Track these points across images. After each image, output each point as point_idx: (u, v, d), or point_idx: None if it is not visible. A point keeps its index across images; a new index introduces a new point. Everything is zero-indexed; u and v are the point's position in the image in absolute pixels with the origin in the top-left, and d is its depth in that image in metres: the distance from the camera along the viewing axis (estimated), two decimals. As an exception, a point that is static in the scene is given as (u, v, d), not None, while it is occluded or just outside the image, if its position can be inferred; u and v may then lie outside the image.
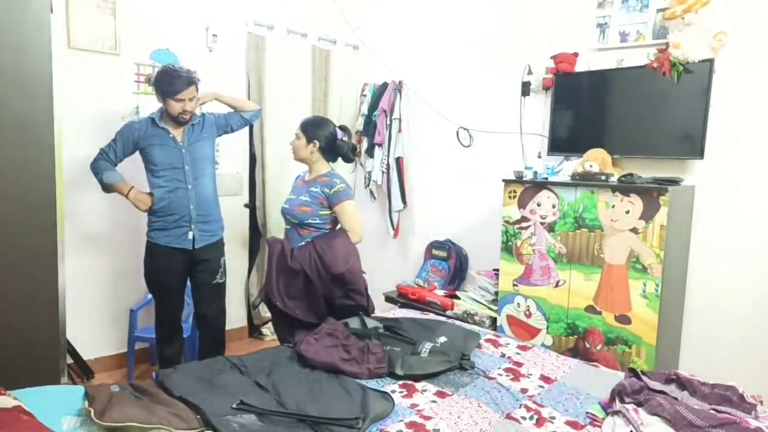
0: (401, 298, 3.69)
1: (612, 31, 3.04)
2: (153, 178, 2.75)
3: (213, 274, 2.89)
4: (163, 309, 2.89)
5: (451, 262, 3.80)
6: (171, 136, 2.74)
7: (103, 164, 2.72)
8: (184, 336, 3.05)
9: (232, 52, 3.62)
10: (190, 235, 2.76)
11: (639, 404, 1.73)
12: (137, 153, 2.78)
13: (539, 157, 3.34)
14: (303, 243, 2.60)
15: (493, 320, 3.22)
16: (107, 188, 2.73)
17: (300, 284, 2.55)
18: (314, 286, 2.53)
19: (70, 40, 2.93)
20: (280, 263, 2.55)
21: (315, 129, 2.66)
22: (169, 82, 2.64)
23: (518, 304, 3.08)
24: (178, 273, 2.83)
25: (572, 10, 3.19)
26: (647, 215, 2.57)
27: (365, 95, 4.19)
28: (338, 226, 2.67)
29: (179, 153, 2.74)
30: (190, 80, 2.68)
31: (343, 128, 2.77)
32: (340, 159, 2.81)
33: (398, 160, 4.02)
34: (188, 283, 2.94)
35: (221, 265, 2.94)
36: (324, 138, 2.66)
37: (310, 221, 2.59)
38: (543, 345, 2.91)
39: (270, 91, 3.72)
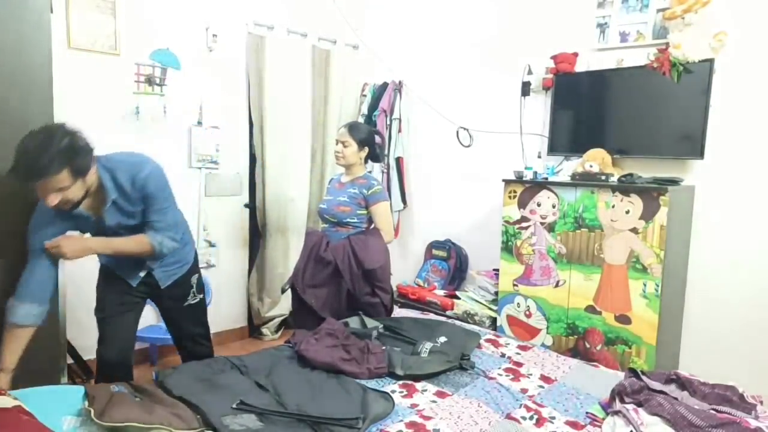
0: (401, 298, 3.69)
1: (612, 31, 3.04)
2: None
3: (182, 299, 2.30)
4: (102, 344, 2.28)
5: (451, 262, 3.80)
6: (86, 215, 2.01)
7: None
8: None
9: (232, 52, 3.62)
10: (143, 273, 2.20)
11: (639, 404, 1.73)
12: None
13: (539, 157, 3.34)
14: (339, 239, 2.69)
15: (493, 320, 3.22)
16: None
17: (327, 276, 2.66)
18: (341, 279, 2.62)
19: (70, 40, 2.92)
20: (314, 252, 2.69)
21: (364, 135, 2.77)
22: (18, 165, 1.72)
23: (518, 304, 3.08)
24: (129, 293, 2.23)
25: (572, 10, 3.19)
26: (647, 215, 2.57)
27: (365, 95, 4.20)
28: (372, 226, 2.77)
29: (95, 225, 2.08)
30: (40, 172, 1.70)
31: (376, 132, 2.93)
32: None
33: (398, 160, 4.03)
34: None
35: (192, 285, 2.31)
36: (369, 143, 2.78)
37: (348, 220, 2.70)
38: (543, 345, 2.91)
39: (270, 91, 3.71)
